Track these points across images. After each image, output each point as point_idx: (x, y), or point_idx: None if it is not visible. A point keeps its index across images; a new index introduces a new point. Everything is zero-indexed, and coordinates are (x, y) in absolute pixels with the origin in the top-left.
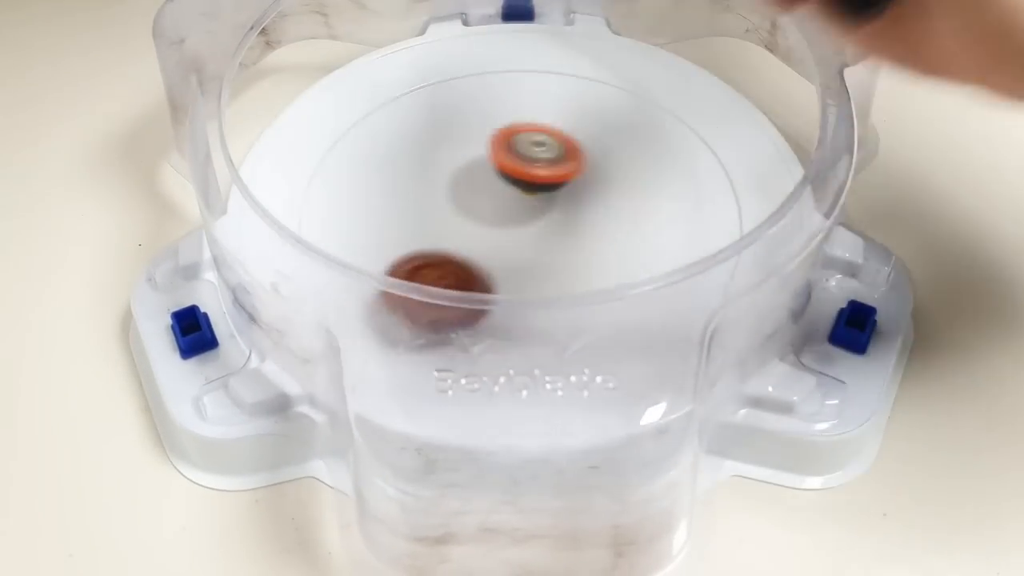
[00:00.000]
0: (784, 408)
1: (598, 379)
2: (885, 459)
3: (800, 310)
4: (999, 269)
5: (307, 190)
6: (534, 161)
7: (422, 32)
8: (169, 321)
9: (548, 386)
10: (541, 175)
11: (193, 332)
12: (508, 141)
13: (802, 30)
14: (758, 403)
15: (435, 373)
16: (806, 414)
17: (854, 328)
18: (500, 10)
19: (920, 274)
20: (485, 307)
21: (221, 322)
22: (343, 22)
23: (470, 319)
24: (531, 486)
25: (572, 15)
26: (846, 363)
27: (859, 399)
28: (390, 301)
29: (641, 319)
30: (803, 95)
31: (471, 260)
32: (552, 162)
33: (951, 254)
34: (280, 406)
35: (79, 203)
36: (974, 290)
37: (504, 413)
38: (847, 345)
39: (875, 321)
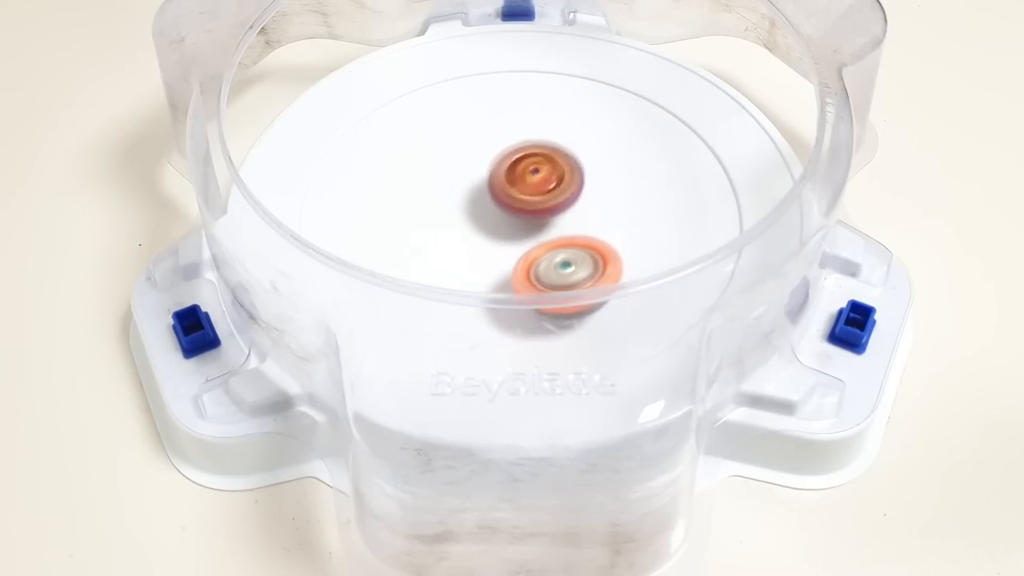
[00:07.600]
0: (783, 407)
1: (596, 378)
2: (885, 459)
3: (799, 309)
4: (999, 269)
5: (307, 190)
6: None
7: (422, 32)
8: (169, 320)
9: (547, 384)
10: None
11: (195, 331)
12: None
13: (800, 29)
14: (756, 402)
15: (434, 371)
16: (805, 413)
17: (853, 327)
18: (500, 9)
19: (919, 273)
20: (486, 305)
21: (221, 321)
22: (343, 22)
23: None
24: (530, 484)
25: (572, 15)
26: (845, 362)
27: (858, 398)
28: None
29: (640, 317)
30: (802, 94)
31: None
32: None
33: (951, 253)
34: (280, 405)
35: (79, 202)
36: (974, 289)
37: (503, 412)
38: (846, 344)
39: (874, 320)
